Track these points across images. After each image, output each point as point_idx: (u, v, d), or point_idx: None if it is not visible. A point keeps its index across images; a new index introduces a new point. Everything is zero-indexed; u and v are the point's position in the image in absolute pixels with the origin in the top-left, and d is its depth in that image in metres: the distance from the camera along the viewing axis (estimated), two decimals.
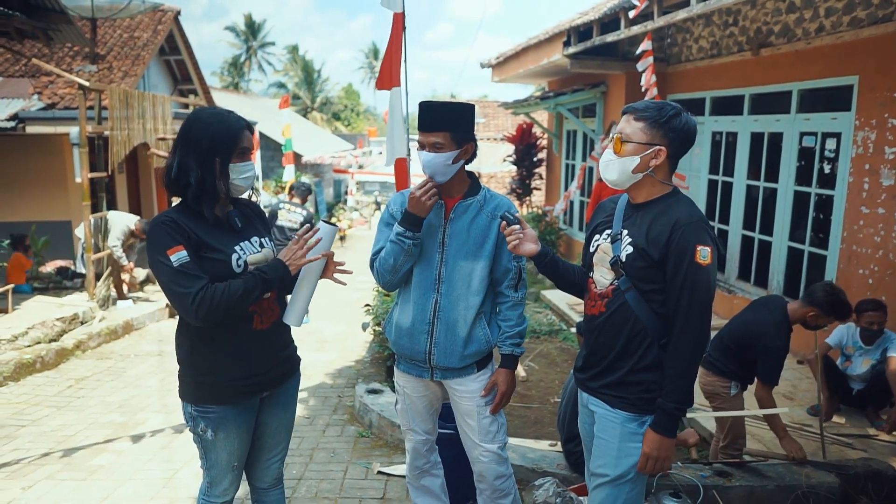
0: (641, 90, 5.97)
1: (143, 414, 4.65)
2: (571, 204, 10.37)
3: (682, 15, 5.30)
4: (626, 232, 2.01)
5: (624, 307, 1.98)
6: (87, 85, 7.06)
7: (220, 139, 2.03)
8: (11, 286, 6.69)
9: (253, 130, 2.14)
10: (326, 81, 45.79)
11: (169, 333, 7.02)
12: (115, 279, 7.66)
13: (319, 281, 2.25)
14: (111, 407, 4.81)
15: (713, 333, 4.31)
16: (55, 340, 6.19)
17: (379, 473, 3.64)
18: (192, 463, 3.75)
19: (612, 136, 2.03)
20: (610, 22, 6.99)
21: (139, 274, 8.75)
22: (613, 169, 1.99)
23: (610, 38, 6.71)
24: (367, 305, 5.39)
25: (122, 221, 7.60)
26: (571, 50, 7.79)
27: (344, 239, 16.00)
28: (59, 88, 9.76)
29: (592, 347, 2.10)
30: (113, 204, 10.55)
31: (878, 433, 4.14)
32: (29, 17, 6.87)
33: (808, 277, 5.73)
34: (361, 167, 20.69)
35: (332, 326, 7.70)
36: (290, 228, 7.25)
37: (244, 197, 2.27)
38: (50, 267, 8.57)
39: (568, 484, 3.08)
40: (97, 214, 7.54)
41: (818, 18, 5.46)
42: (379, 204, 22.77)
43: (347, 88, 48.31)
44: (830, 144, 5.46)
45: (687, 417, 3.82)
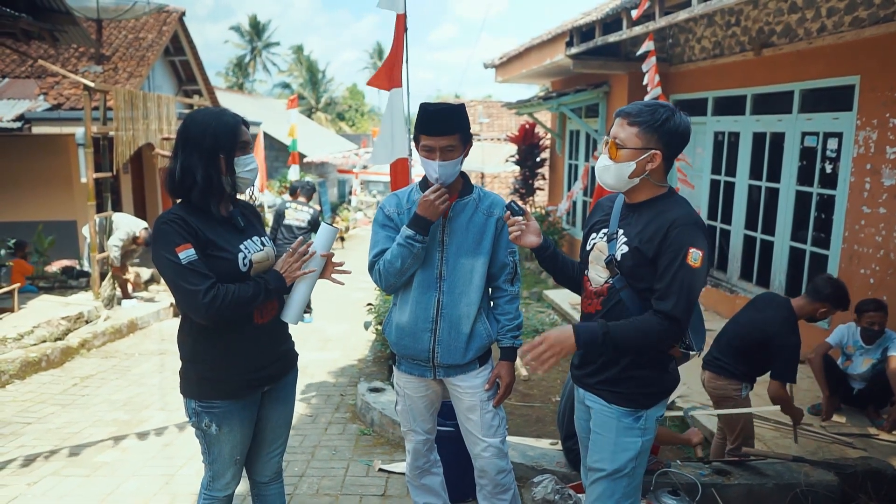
0: (647, 90, 5.99)
1: (146, 412, 4.70)
2: (574, 204, 10.38)
3: (683, 15, 5.31)
4: (621, 232, 2.03)
5: (619, 305, 2.00)
6: (91, 86, 7.11)
7: (220, 136, 2.07)
8: (17, 285, 6.74)
9: (248, 125, 2.18)
10: (331, 82, 45.80)
11: (173, 332, 7.02)
12: (119, 279, 7.70)
13: (318, 280, 2.29)
14: (115, 405, 4.85)
15: (710, 336, 4.35)
16: (60, 339, 6.23)
17: (380, 471, 3.66)
18: (193, 460, 3.79)
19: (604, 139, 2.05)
20: (612, 22, 7.00)
21: (144, 273, 8.81)
22: (610, 174, 1.99)
23: (612, 38, 6.72)
24: (369, 304, 5.42)
25: (127, 224, 7.60)
26: (574, 50, 7.80)
27: (343, 240, 16.08)
28: (64, 89, 9.82)
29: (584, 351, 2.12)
30: (118, 204, 10.61)
31: (878, 432, 4.14)
32: (35, 18, 6.91)
33: (809, 277, 5.73)
34: (366, 167, 20.68)
35: (335, 325, 7.73)
36: (297, 227, 7.27)
37: (242, 198, 2.31)
38: (55, 266, 8.63)
39: (567, 481, 3.10)
40: (102, 214, 7.58)
41: (820, 18, 5.46)
42: None
43: (352, 89, 48.34)
44: (832, 144, 5.46)
45: (689, 416, 3.84)
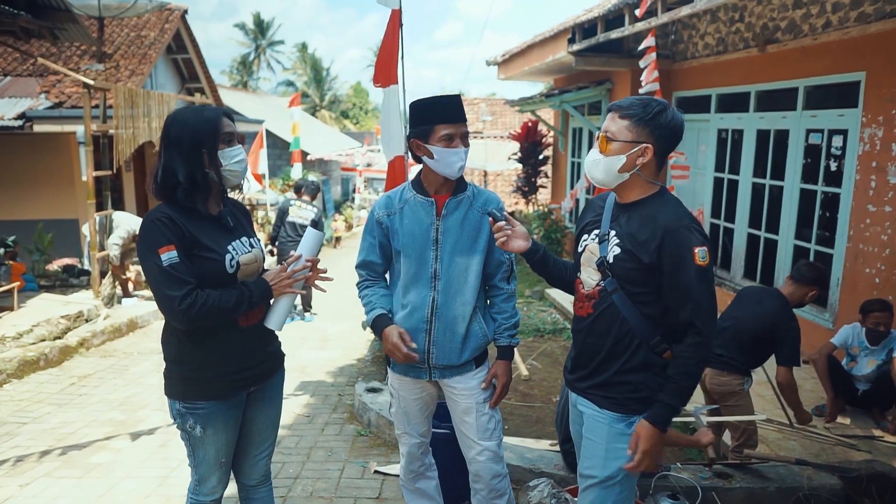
0: (642, 86, 5.92)
1: (143, 412, 4.66)
2: (577, 202, 10.31)
3: (685, 11, 5.24)
4: (613, 233, 1.97)
5: (611, 308, 1.95)
6: (91, 83, 7.09)
7: (201, 131, 2.04)
8: (17, 284, 6.72)
9: (232, 118, 2.15)
10: (335, 79, 45.77)
11: None
12: (119, 277, 7.68)
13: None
14: (112, 404, 4.82)
15: None
16: (60, 338, 6.21)
17: (376, 472, 3.62)
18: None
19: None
20: (615, 18, 6.93)
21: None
22: (599, 168, 1.94)
23: (614, 34, 6.66)
24: None
25: (127, 223, 7.56)
26: (576, 47, 7.74)
27: (340, 240, 16.18)
28: (66, 87, 9.80)
29: (580, 349, 2.08)
30: (120, 202, 10.61)
31: (883, 434, 4.08)
32: (35, 16, 6.88)
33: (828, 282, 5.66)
34: (370, 165, 20.60)
35: (335, 324, 7.70)
36: (301, 225, 7.26)
37: (233, 196, 2.27)
38: (57, 264, 8.62)
39: (564, 485, 3.04)
40: (102, 212, 7.56)
41: (825, 14, 5.38)
42: None
43: (356, 87, 48.24)
44: (837, 142, 5.39)
45: (698, 415, 3.77)
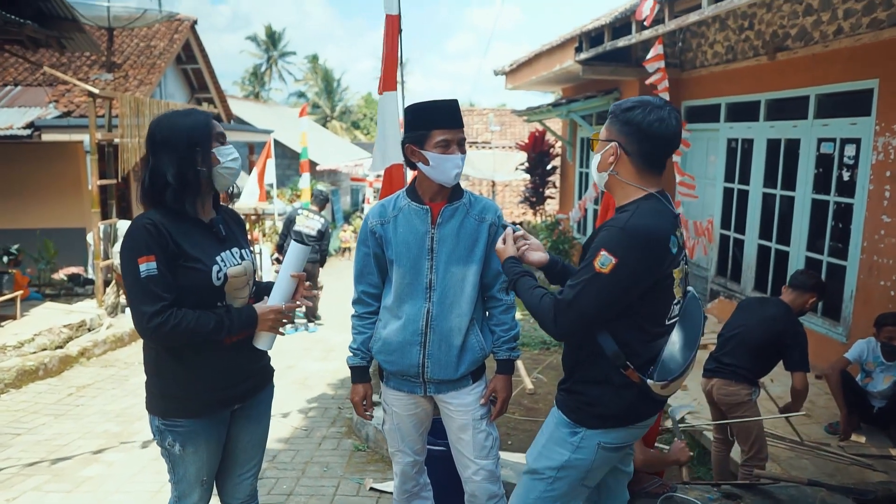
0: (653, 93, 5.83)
1: (139, 423, 4.59)
2: (586, 212, 10.20)
3: (693, 18, 5.15)
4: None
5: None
6: (96, 92, 7.11)
7: (195, 128, 1.96)
8: (20, 293, 6.71)
9: (221, 119, 2.07)
10: (346, 91, 46.04)
11: None
12: (122, 286, 7.66)
13: (321, 291, 2.18)
14: (109, 416, 4.76)
15: (706, 352, 4.21)
16: (61, 347, 6.17)
17: (371, 490, 3.52)
18: None
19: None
20: (622, 27, 6.86)
21: None
22: (592, 168, 1.98)
23: (622, 42, 6.57)
24: None
25: None
26: (583, 56, 7.66)
27: (348, 251, 16.15)
28: (75, 97, 9.87)
29: (562, 358, 2.09)
30: (128, 211, 10.62)
31: None
32: (41, 25, 6.92)
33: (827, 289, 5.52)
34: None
35: (339, 334, 7.61)
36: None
37: (226, 205, 2.19)
38: (62, 273, 8.62)
39: None
40: (107, 221, 7.55)
41: (836, 20, 5.27)
42: None
43: (367, 97, 48.45)
44: (849, 151, 5.26)
45: (678, 428, 3.62)
